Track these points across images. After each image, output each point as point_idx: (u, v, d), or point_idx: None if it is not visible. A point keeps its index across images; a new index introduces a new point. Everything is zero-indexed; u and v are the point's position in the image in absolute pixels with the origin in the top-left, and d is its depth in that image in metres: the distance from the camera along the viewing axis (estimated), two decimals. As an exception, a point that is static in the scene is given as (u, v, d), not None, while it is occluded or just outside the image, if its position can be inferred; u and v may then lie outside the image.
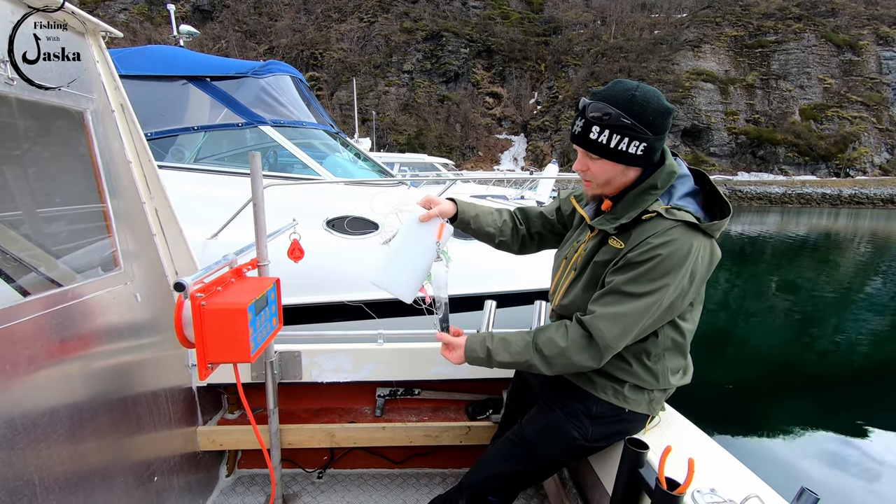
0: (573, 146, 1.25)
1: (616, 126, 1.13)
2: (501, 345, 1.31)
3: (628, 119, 1.12)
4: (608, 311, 1.17)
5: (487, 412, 2.07)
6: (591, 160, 1.22)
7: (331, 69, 66.56)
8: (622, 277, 1.17)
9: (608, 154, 1.17)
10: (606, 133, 1.14)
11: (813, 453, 4.14)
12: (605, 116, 1.13)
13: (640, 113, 1.12)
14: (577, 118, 1.21)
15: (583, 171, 1.26)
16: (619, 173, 1.21)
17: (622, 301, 1.16)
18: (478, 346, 1.34)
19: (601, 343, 1.17)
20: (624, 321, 1.16)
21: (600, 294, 1.22)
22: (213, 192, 3.87)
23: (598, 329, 1.17)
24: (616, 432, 1.34)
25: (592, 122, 1.15)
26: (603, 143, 1.15)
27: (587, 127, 1.16)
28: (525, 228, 1.60)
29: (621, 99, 1.13)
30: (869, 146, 51.38)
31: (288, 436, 1.97)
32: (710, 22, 61.46)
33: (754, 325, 8.01)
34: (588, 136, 1.17)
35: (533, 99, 68.09)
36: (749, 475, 1.17)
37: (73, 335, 1.26)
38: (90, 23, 1.41)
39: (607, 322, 1.17)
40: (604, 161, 1.19)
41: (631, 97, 1.13)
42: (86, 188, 1.47)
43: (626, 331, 1.17)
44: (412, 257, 1.40)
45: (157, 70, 4.16)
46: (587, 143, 1.18)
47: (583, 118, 1.18)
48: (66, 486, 1.19)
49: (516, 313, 3.30)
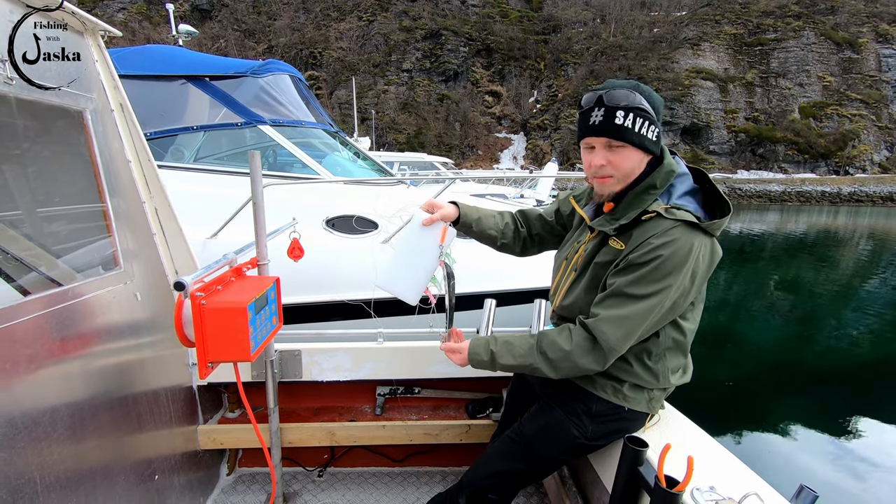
0: (574, 144, 1.25)
1: (639, 110, 1.13)
2: (505, 348, 1.31)
3: (646, 104, 1.14)
4: (611, 313, 1.16)
5: (487, 411, 2.07)
6: (614, 151, 1.18)
7: (330, 68, 66.50)
8: (624, 279, 1.16)
9: (635, 139, 1.15)
10: (631, 117, 1.13)
11: (812, 451, 4.14)
12: (628, 102, 1.13)
13: (650, 98, 1.15)
14: (594, 109, 1.17)
15: (603, 164, 1.19)
16: (639, 163, 1.20)
17: (625, 303, 1.15)
18: (481, 350, 1.33)
19: (605, 346, 1.16)
20: (627, 323, 1.15)
21: (603, 297, 1.20)
22: (213, 192, 3.87)
23: (602, 332, 1.16)
24: (616, 430, 1.34)
25: (616, 108, 1.13)
26: (629, 127, 1.14)
27: (610, 113, 1.14)
28: (526, 231, 1.61)
29: (631, 87, 1.15)
30: (868, 144, 51.41)
31: (288, 434, 1.97)
32: (709, 20, 61.45)
33: (754, 322, 8.02)
34: (613, 121, 1.14)
35: (532, 97, 68.06)
36: (748, 473, 1.17)
37: (73, 334, 1.26)
38: (89, 22, 1.41)
39: (611, 325, 1.16)
40: (629, 149, 1.17)
41: (636, 86, 1.15)
42: (85, 187, 1.47)
43: (629, 333, 1.16)
44: (416, 261, 1.42)
45: (156, 70, 4.15)
46: (614, 129, 1.15)
47: (602, 107, 1.15)
48: (67, 484, 1.20)
49: (516, 312, 3.30)
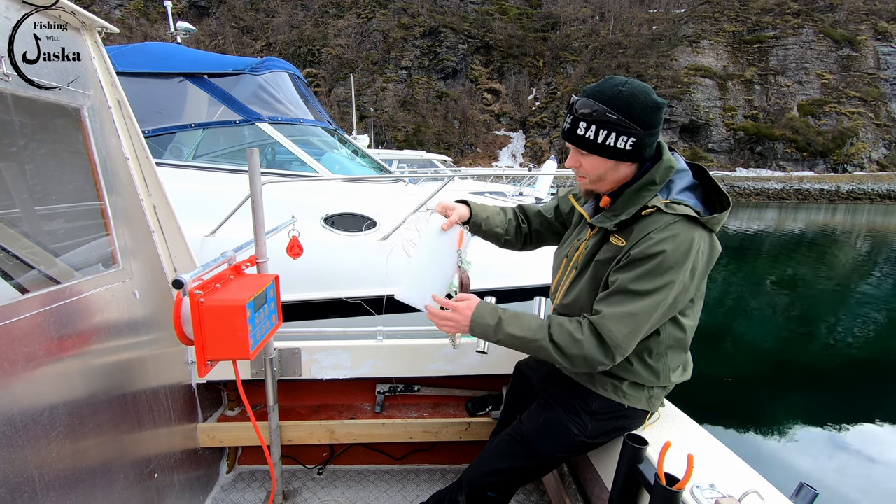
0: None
1: (602, 121, 1.13)
2: (514, 318, 1.28)
3: (614, 114, 1.12)
4: (616, 310, 1.16)
5: (487, 408, 2.07)
6: (582, 156, 1.22)
7: (328, 65, 66.36)
8: (627, 276, 1.16)
9: (596, 149, 1.17)
10: (593, 129, 1.15)
11: (812, 449, 4.16)
12: (592, 112, 1.14)
13: (626, 108, 1.12)
14: (566, 115, 1.22)
15: (575, 167, 1.26)
16: (610, 169, 1.21)
17: (629, 300, 1.15)
18: (487, 313, 1.28)
19: (611, 344, 1.16)
20: (632, 320, 1.15)
21: (606, 294, 1.20)
22: (211, 189, 3.86)
23: (608, 330, 1.16)
24: (615, 428, 1.34)
25: (580, 118, 1.16)
26: (590, 138, 1.16)
27: (575, 123, 1.18)
28: (527, 226, 1.62)
29: (608, 94, 1.13)
30: (867, 142, 51.49)
31: (288, 432, 1.97)
32: (708, 17, 61.40)
33: (752, 320, 8.04)
34: (576, 132, 1.18)
35: (531, 95, 68.02)
36: (748, 470, 1.18)
37: (71, 332, 1.26)
38: (87, 18, 1.40)
39: (616, 322, 1.15)
40: (593, 157, 1.20)
41: (618, 93, 1.13)
42: (83, 185, 1.46)
43: (635, 330, 1.16)
44: (437, 270, 1.39)
45: (154, 67, 4.14)
46: (575, 139, 1.19)
47: (571, 115, 1.19)
48: (66, 483, 1.19)
49: (516, 309, 3.30)
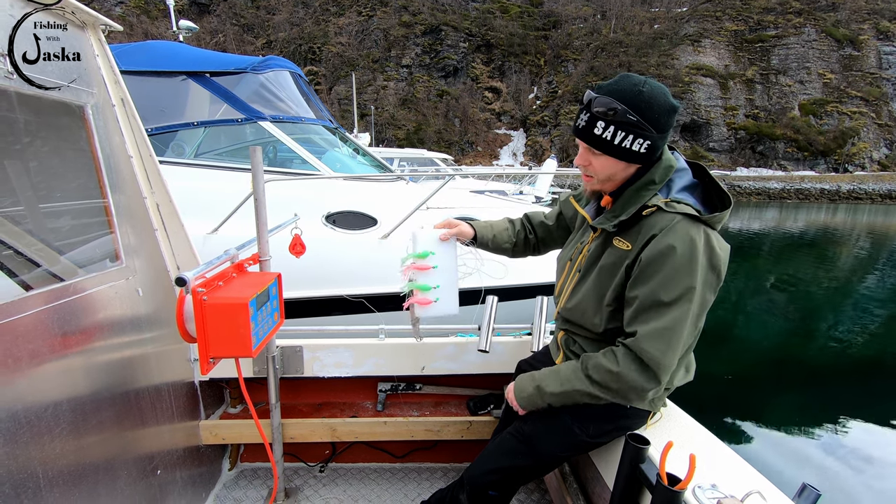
0: (574, 140, 1.22)
1: (622, 123, 1.09)
2: (549, 375, 1.32)
3: (634, 116, 1.09)
4: (649, 328, 1.11)
5: (489, 407, 2.08)
6: (594, 156, 1.18)
7: (329, 63, 66.28)
8: (647, 288, 1.12)
9: (612, 151, 1.14)
10: (612, 129, 1.11)
11: (815, 449, 4.14)
12: (611, 112, 1.09)
13: (646, 110, 1.09)
14: (581, 111, 1.17)
15: (584, 165, 1.23)
16: (621, 170, 1.18)
17: (658, 313, 1.11)
18: (526, 384, 1.36)
19: (653, 364, 1.11)
20: (668, 334, 1.10)
21: (634, 312, 1.16)
22: (214, 187, 3.86)
23: (645, 350, 1.11)
24: (617, 428, 1.34)
25: (598, 116, 1.12)
26: (607, 139, 1.12)
27: (592, 121, 1.13)
28: (534, 236, 1.64)
29: (628, 94, 1.09)
30: (868, 141, 51.39)
31: (290, 430, 1.98)
32: (710, 16, 61.28)
33: (754, 319, 8.03)
34: (592, 131, 1.13)
35: (532, 94, 67.90)
36: (750, 471, 1.17)
37: (75, 330, 1.26)
38: (90, 16, 1.40)
39: (651, 340, 1.11)
40: (607, 157, 1.16)
41: (638, 93, 1.09)
42: (87, 183, 1.46)
43: (672, 345, 1.11)
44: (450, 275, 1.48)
45: (156, 66, 4.14)
46: (591, 138, 1.15)
47: (588, 112, 1.14)
48: (69, 479, 1.20)
49: (518, 307, 3.31)
